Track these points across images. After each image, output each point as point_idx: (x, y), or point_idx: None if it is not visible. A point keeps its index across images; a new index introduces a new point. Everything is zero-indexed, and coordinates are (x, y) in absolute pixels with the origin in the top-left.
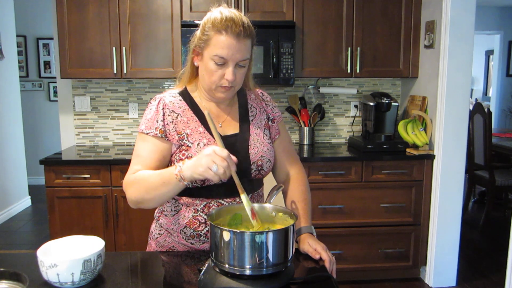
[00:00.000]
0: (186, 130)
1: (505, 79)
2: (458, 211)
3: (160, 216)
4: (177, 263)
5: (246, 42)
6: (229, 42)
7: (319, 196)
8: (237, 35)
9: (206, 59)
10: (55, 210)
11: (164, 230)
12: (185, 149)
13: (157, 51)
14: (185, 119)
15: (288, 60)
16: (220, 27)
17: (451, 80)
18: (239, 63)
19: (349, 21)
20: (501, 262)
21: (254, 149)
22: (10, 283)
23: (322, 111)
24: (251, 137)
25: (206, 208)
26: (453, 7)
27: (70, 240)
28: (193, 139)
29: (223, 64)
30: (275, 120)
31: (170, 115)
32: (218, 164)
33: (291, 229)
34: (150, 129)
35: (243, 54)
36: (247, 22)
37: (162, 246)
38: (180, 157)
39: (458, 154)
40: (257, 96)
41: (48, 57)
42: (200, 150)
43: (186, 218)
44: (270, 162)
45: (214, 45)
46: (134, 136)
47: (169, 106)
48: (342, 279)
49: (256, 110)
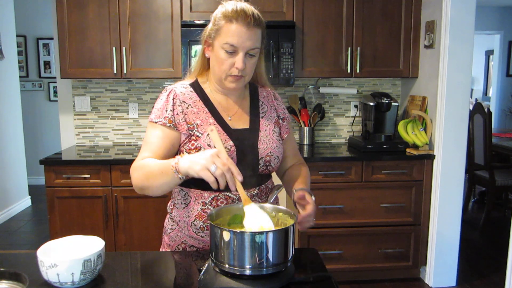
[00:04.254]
0: (196, 121)
1: (505, 79)
2: (458, 211)
3: (172, 208)
4: (177, 263)
5: (256, 31)
6: (239, 30)
7: (319, 196)
8: (247, 23)
9: (216, 48)
10: (55, 210)
11: (176, 224)
12: (195, 139)
13: (157, 51)
14: (195, 110)
15: (288, 60)
16: (231, 16)
17: (451, 80)
18: (249, 52)
19: (349, 21)
20: (501, 262)
21: (263, 145)
22: (10, 283)
23: (322, 111)
24: (261, 132)
25: (214, 201)
26: (453, 7)
27: (70, 240)
28: (203, 129)
29: (233, 52)
30: (285, 120)
31: (180, 105)
32: (218, 166)
33: (291, 229)
34: (159, 118)
35: (253, 43)
36: (258, 13)
37: (174, 241)
38: (189, 147)
39: (458, 154)
40: (268, 94)
41: (48, 57)
42: (210, 141)
43: (195, 211)
44: (278, 159)
45: (225, 33)
46: (134, 136)
47: (179, 97)
48: (342, 279)
49: (267, 108)
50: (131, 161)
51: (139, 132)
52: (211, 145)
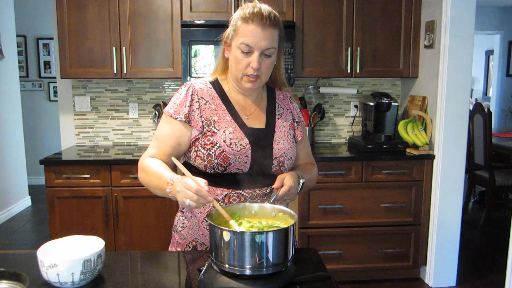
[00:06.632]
0: (214, 117)
1: (505, 79)
2: (458, 211)
3: None
4: (177, 263)
5: (272, 31)
6: (254, 30)
7: (319, 196)
8: (262, 24)
9: (233, 48)
10: (55, 210)
11: (187, 222)
12: (211, 134)
13: (157, 51)
14: (213, 107)
15: (288, 60)
16: (247, 17)
17: (451, 80)
18: (264, 52)
19: (349, 21)
20: (501, 262)
21: (278, 145)
22: (10, 283)
23: (322, 111)
24: (276, 133)
25: (226, 198)
26: (453, 7)
27: (70, 240)
28: (220, 126)
29: (249, 52)
30: (299, 123)
31: (198, 101)
32: (189, 198)
33: (291, 229)
34: (178, 115)
35: (268, 43)
36: (276, 15)
37: (185, 239)
38: (205, 142)
39: (458, 154)
40: (285, 97)
41: (48, 57)
42: (226, 137)
43: (207, 207)
44: (291, 160)
45: (241, 33)
46: (134, 136)
47: (198, 93)
48: (342, 279)
49: (283, 110)
50: (131, 161)
51: (139, 132)
52: (226, 141)
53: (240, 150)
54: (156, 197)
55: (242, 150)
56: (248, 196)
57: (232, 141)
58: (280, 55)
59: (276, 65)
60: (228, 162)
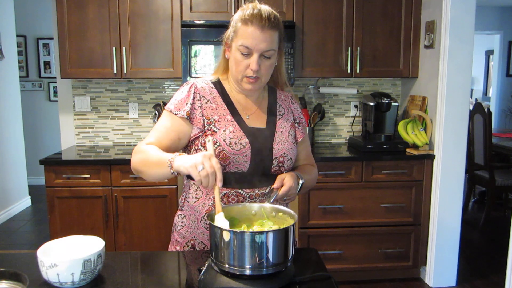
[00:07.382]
0: (214, 116)
1: (505, 79)
2: (458, 211)
3: (184, 202)
4: (177, 263)
5: (271, 33)
6: (253, 32)
7: (319, 196)
8: (262, 26)
9: (233, 50)
10: (55, 210)
11: (186, 221)
12: (211, 133)
13: (157, 51)
14: (214, 106)
15: (288, 60)
16: (247, 19)
17: (451, 80)
18: (264, 54)
19: (349, 21)
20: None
21: (278, 145)
22: (10, 283)
23: (322, 111)
24: (277, 133)
25: (225, 197)
26: (453, 7)
27: (70, 240)
28: (220, 125)
29: (248, 54)
30: (300, 124)
31: (200, 100)
32: (205, 167)
33: (291, 229)
34: (179, 111)
35: (267, 45)
36: (276, 16)
37: (184, 238)
38: (205, 141)
39: (458, 154)
40: (286, 98)
41: (48, 57)
42: (226, 136)
43: (206, 206)
44: (291, 160)
45: (241, 35)
46: (134, 136)
47: (200, 91)
48: (342, 279)
49: (284, 111)
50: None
51: (139, 132)
52: (226, 140)
53: (240, 149)
54: (156, 197)
55: (242, 150)
56: (247, 196)
57: (232, 140)
58: (281, 56)
59: (277, 66)
60: (227, 161)
